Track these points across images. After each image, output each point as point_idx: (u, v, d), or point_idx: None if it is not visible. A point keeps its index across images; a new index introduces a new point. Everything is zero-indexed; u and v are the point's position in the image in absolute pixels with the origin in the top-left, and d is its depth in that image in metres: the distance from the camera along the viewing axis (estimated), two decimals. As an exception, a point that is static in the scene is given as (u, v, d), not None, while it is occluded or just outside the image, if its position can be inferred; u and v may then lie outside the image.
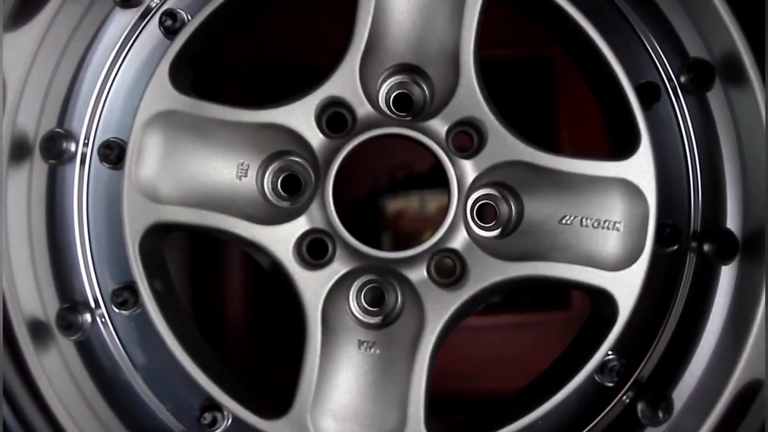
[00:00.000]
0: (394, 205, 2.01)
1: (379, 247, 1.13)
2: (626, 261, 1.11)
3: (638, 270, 1.09)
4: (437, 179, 1.16)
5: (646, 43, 1.20)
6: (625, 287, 1.10)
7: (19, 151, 1.12)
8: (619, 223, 1.13)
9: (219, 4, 1.11)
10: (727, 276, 1.15)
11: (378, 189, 2.03)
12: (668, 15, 1.18)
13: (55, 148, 1.15)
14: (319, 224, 1.13)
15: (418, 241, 1.13)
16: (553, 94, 2.03)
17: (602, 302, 1.12)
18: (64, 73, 1.16)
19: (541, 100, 2.04)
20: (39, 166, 1.16)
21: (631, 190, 1.11)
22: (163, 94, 1.10)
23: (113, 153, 1.16)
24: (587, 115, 1.28)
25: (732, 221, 1.16)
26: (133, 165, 1.10)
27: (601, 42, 1.13)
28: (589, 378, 1.14)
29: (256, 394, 1.19)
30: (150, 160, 1.12)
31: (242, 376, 1.21)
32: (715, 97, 1.17)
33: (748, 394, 1.10)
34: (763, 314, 1.11)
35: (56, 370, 1.13)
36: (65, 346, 1.15)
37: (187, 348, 1.12)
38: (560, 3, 1.13)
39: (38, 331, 1.13)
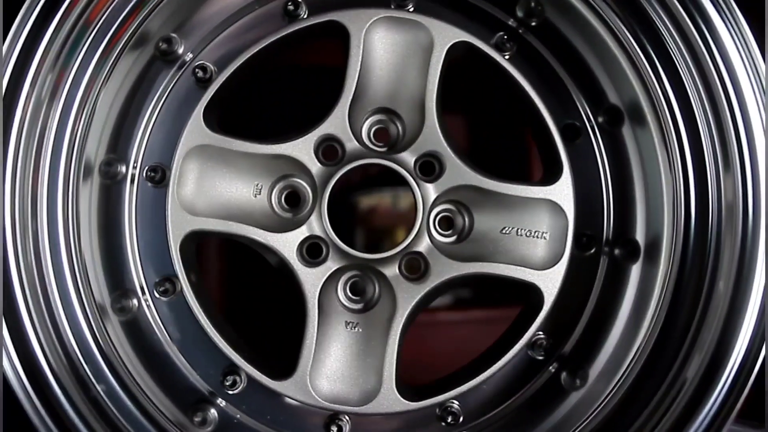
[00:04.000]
0: (371, 207, 1.95)
1: (362, 249, 1.24)
2: (551, 262, 1.24)
3: (560, 269, 1.22)
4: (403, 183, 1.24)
5: (572, 92, 1.27)
6: (549, 282, 1.22)
7: (85, 173, 1.20)
8: (546, 233, 1.25)
9: (241, 62, 1.23)
10: (635, 274, 1.23)
11: (358, 200, 1.98)
12: (593, 68, 1.24)
13: (111, 171, 1.25)
14: (317, 232, 1.26)
15: (391, 245, 1.25)
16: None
17: (532, 294, 1.24)
18: (115, 110, 1.24)
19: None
20: (97, 184, 1.24)
21: (555, 208, 1.24)
22: (198, 133, 1.23)
23: (157, 175, 1.26)
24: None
25: (639, 231, 1.24)
26: (175, 186, 1.23)
27: (534, 95, 1.23)
28: (523, 352, 1.26)
29: (268, 360, 1.27)
30: (188, 183, 1.25)
31: (256, 346, 1.29)
32: (625, 134, 1.24)
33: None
34: (655, 305, 1.18)
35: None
36: (116, 324, 1.24)
37: (215, 325, 1.24)
38: (505, 66, 1.24)
39: (101, 312, 1.21)
